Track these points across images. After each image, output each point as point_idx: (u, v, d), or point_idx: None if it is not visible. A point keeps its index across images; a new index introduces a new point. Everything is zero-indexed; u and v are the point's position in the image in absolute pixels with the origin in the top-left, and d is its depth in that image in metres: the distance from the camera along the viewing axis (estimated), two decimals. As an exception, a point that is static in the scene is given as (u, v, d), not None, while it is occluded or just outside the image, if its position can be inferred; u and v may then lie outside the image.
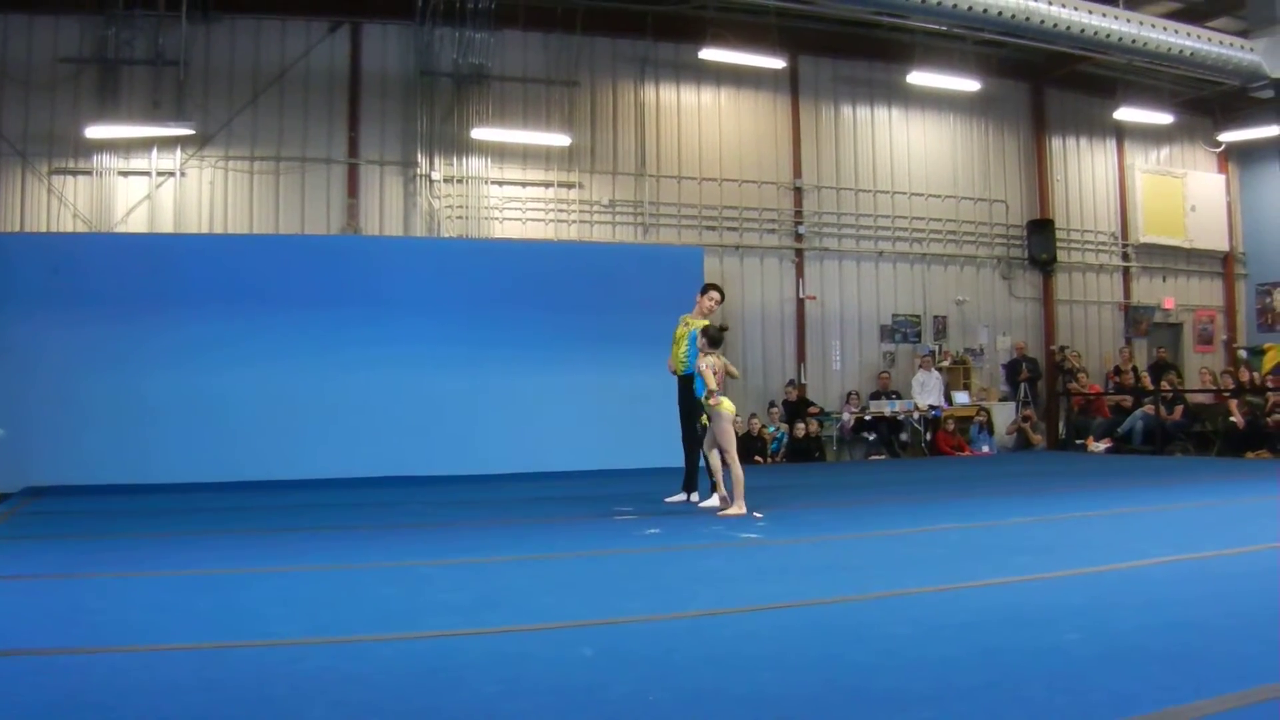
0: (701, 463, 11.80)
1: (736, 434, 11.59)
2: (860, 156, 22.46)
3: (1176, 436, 20.65)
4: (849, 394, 21.46)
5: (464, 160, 19.52)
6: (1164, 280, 25.24)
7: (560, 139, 19.86)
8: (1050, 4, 16.28)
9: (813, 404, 20.96)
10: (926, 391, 21.63)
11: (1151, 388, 21.59)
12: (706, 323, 11.93)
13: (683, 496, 12.02)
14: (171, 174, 18.16)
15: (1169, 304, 25.06)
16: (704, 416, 11.47)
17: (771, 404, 20.66)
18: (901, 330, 22.55)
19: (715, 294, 12.49)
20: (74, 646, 5.20)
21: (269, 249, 17.33)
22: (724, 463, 11.21)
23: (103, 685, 4.50)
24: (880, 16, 19.14)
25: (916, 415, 21.41)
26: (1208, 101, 24.44)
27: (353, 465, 16.12)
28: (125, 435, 15.56)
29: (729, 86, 21.39)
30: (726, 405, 11.25)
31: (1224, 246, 25.75)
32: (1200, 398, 21.64)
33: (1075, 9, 16.52)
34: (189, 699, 4.26)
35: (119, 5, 17.38)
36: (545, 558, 8.35)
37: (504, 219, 19.78)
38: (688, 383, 11.91)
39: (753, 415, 19.98)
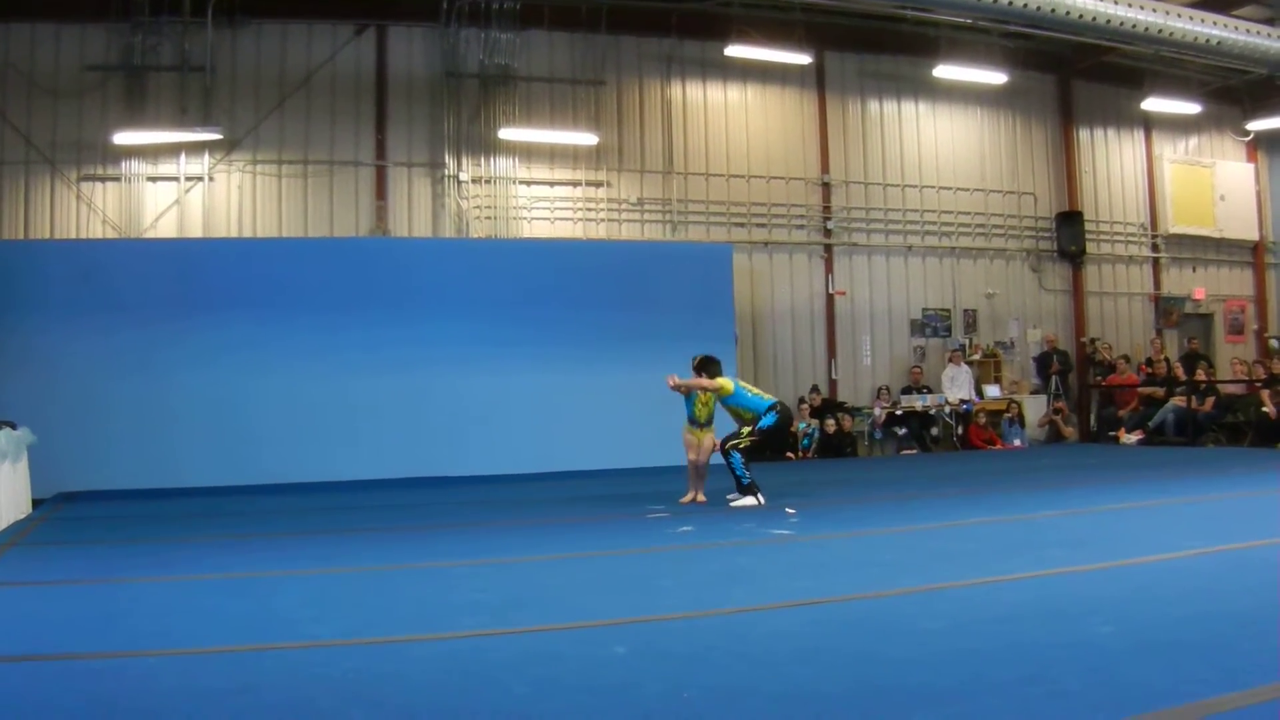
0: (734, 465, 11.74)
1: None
2: (888, 151, 22.39)
3: (1209, 428, 20.52)
4: (880, 389, 21.40)
5: (492, 161, 19.55)
6: (1194, 270, 25.09)
7: (587, 138, 19.87)
8: (1076, -6, 16.24)
9: (841, 404, 20.92)
10: (957, 385, 21.55)
11: (1183, 379, 21.46)
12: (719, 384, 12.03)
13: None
14: (200, 179, 18.25)
15: (1199, 294, 24.91)
16: (746, 428, 11.66)
17: (801, 400, 20.62)
18: (932, 324, 22.49)
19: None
20: (109, 651, 5.24)
21: (298, 252, 17.35)
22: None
23: (138, 690, 4.53)
24: (906, 10, 19.09)
25: (948, 409, 21.34)
26: (1235, 90, 24.27)
27: (382, 467, 16.16)
28: (155, 440, 15.62)
29: (755, 83, 21.36)
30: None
31: (1254, 236, 25.56)
32: (1232, 388, 21.43)
33: (1101, -1, 16.46)
34: (225, 703, 4.28)
35: (145, 12, 17.48)
36: (577, 556, 8.37)
37: (532, 219, 19.80)
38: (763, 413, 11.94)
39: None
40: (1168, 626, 5.19)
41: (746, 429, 11.74)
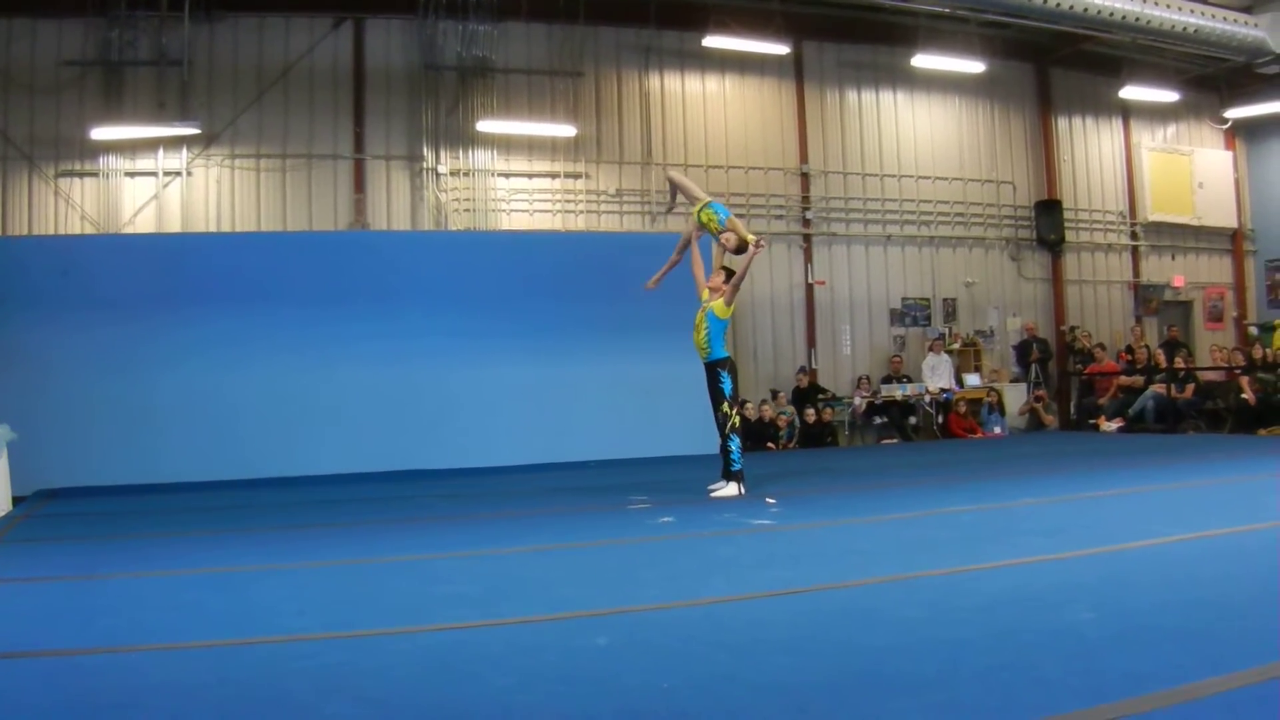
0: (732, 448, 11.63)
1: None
2: (866, 141, 22.41)
3: (1188, 415, 20.58)
4: (860, 378, 21.43)
5: (470, 153, 19.52)
6: (1173, 258, 25.17)
7: (566, 130, 19.84)
8: (1053, -17, 16.28)
9: (824, 390, 20.92)
10: (937, 374, 21.59)
11: (1163, 366, 21.51)
12: (720, 303, 11.98)
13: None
14: (178, 174, 18.18)
15: (1178, 282, 24.99)
16: (724, 405, 11.54)
17: (775, 392, 20.63)
18: (911, 314, 22.52)
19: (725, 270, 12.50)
20: (90, 647, 5.21)
21: (277, 246, 17.29)
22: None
23: (119, 685, 4.52)
24: (884, -1, 19.11)
25: (928, 398, 21.39)
26: (1213, 78, 24.31)
27: (364, 460, 16.12)
28: (136, 435, 15.56)
29: (733, 73, 21.35)
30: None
31: (1232, 223, 25.65)
32: (1212, 375, 21.54)
33: (1078, -12, 16.51)
34: (206, 697, 4.27)
35: (122, 6, 17.41)
36: (558, 548, 8.37)
37: (511, 211, 19.78)
38: (711, 370, 11.82)
39: (764, 401, 19.97)
40: (1147, 613, 5.20)
41: (726, 404, 11.63)
